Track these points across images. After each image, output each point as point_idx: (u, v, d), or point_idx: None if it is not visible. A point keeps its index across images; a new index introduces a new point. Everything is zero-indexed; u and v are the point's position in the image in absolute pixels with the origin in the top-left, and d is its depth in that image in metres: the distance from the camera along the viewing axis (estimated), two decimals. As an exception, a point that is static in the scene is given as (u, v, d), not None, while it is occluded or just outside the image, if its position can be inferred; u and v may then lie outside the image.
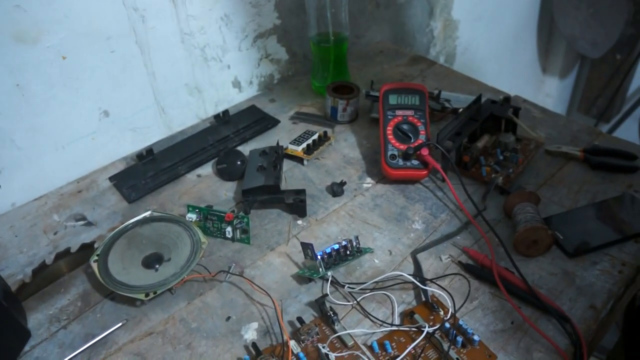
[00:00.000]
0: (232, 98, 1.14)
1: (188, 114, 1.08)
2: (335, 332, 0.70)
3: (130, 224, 0.83)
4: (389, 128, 0.92)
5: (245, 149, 1.01)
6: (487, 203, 0.88)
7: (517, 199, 0.84)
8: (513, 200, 0.84)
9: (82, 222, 0.90)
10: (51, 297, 0.79)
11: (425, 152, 0.88)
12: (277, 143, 0.97)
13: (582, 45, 1.89)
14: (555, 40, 1.96)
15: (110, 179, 0.97)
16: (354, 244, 0.78)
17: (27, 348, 0.72)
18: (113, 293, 0.78)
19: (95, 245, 0.83)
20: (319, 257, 0.75)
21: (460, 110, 1.00)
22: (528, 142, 0.97)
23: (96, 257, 0.79)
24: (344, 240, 0.78)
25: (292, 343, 0.68)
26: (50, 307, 0.77)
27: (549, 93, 2.12)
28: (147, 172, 0.97)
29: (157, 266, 0.77)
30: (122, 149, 1.02)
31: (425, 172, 0.90)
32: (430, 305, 0.72)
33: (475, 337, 0.67)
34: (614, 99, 2.11)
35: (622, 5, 1.79)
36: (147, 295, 0.74)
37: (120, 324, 0.74)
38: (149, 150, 0.99)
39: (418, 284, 0.74)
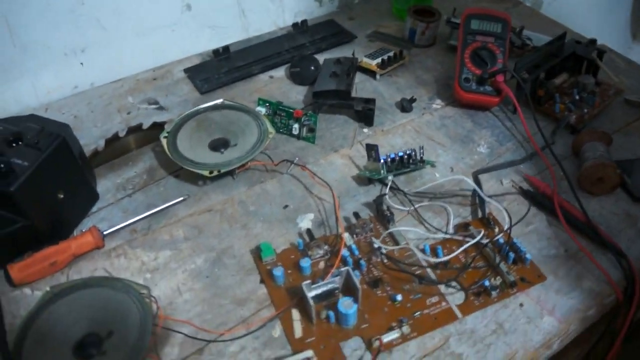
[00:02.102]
0: (312, 11, 1.13)
1: (266, 19, 1.09)
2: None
3: (202, 108, 0.86)
4: (466, 52, 0.91)
5: (320, 58, 1.01)
6: (556, 139, 0.86)
7: (588, 136, 0.82)
8: (584, 137, 0.82)
9: (154, 106, 0.93)
10: (119, 168, 0.83)
11: (500, 78, 0.87)
12: (353, 53, 0.97)
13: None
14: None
15: (185, 70, 1.00)
16: (418, 154, 0.79)
17: (94, 209, 0.77)
18: (178, 171, 0.81)
19: (166, 126, 0.86)
20: (382, 160, 0.76)
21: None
22: (608, 87, 0.94)
23: (166, 134, 0.81)
24: (409, 149, 0.78)
25: (346, 235, 0.70)
26: (118, 176, 0.81)
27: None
28: (221, 68, 0.99)
29: (222, 150, 0.80)
30: (199, 44, 1.04)
31: (497, 99, 0.89)
32: (486, 221, 0.73)
33: (528, 256, 0.67)
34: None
35: None
36: (210, 172, 0.76)
37: (182, 198, 0.77)
38: (226, 48, 1.01)
39: (481, 193, 0.74)
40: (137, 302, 0.60)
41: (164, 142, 0.80)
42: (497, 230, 0.71)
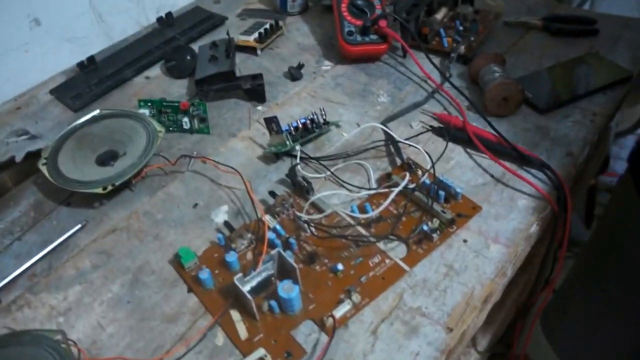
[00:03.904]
0: (174, 2, 1.06)
1: (128, 21, 1.00)
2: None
3: (78, 124, 0.77)
4: (343, 5, 0.87)
5: (194, 47, 0.94)
6: (451, 73, 0.85)
7: (483, 60, 0.81)
8: (479, 63, 0.81)
9: (25, 137, 0.83)
10: (0, 212, 0.73)
11: (383, 23, 0.84)
12: (227, 33, 0.91)
13: None
14: None
15: (51, 92, 0.90)
16: (320, 116, 0.74)
17: (-23, 265, 0.67)
18: (68, 198, 0.72)
19: (42, 153, 0.76)
20: (285, 130, 0.71)
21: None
22: (486, 13, 0.94)
23: (44, 160, 0.72)
24: (310, 114, 0.74)
25: (267, 217, 0.64)
26: (0, 221, 0.71)
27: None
28: (91, 80, 0.89)
29: (112, 163, 0.72)
30: (61, 61, 0.94)
31: (385, 45, 0.86)
32: (407, 166, 0.69)
33: (458, 190, 0.65)
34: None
35: None
36: (104, 188, 0.68)
37: (79, 226, 0.68)
38: (90, 58, 0.92)
39: (396, 137, 0.71)
40: (52, 352, 0.52)
41: (44, 169, 0.71)
42: (420, 173, 0.68)
